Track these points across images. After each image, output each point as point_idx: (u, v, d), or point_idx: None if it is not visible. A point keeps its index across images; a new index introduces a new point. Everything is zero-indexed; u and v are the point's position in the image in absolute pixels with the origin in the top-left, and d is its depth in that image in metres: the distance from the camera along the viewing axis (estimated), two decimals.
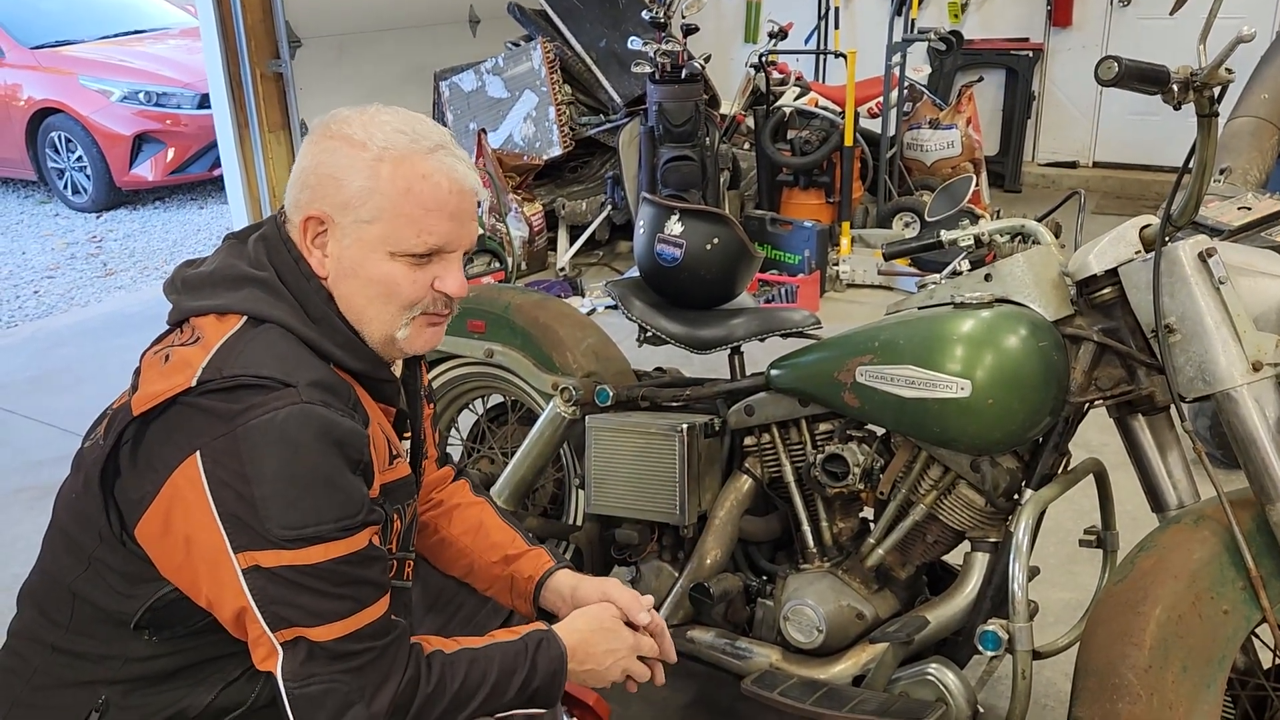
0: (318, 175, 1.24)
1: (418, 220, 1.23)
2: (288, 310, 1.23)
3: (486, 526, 1.60)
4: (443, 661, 1.25)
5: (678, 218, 2.14)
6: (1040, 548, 1.73)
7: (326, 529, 1.14)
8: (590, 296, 4.88)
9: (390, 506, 1.31)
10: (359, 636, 1.17)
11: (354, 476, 1.18)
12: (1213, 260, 1.53)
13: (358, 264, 1.25)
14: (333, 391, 1.19)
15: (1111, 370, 1.69)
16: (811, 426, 1.94)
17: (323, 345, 1.23)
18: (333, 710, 1.16)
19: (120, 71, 7.24)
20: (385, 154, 1.22)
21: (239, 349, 1.18)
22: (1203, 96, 1.44)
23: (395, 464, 1.34)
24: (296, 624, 1.14)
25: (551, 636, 1.36)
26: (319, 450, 1.14)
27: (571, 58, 5.76)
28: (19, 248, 6.47)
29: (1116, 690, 1.42)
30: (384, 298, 1.26)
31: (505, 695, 1.29)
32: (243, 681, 1.27)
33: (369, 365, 1.28)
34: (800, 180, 5.41)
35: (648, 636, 1.46)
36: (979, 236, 1.80)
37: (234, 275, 1.25)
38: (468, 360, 2.34)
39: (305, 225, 1.25)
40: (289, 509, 1.13)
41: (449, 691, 1.23)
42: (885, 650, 1.79)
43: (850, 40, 6.72)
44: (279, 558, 1.13)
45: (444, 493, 1.64)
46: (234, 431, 1.13)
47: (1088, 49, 6.84)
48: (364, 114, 1.26)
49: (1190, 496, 1.67)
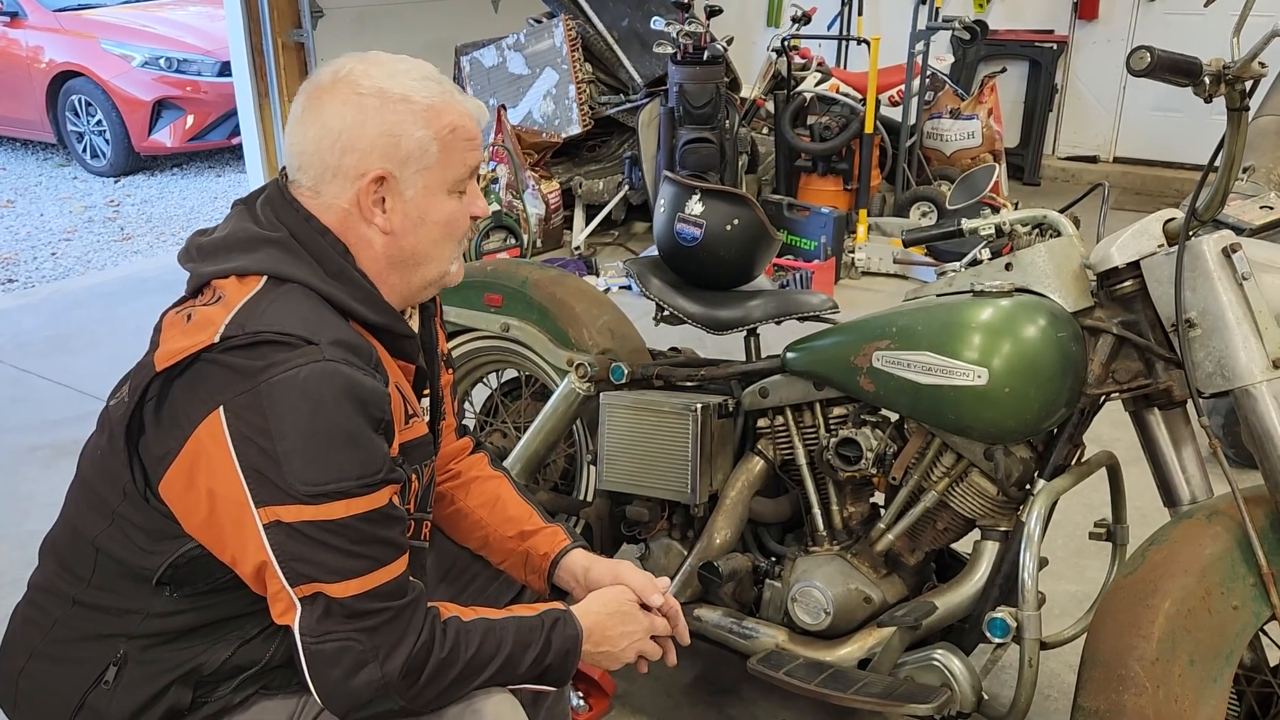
0: (368, 136, 1.24)
1: (464, 153, 1.30)
2: (306, 268, 1.23)
3: (504, 500, 1.60)
4: (458, 628, 1.25)
5: (699, 197, 2.14)
6: (1049, 540, 1.73)
7: (348, 485, 1.15)
8: (605, 276, 4.88)
9: (409, 466, 1.31)
10: (376, 595, 1.18)
11: (376, 435, 1.19)
12: (1236, 256, 1.52)
13: (425, 210, 1.29)
14: (355, 350, 1.20)
15: (1129, 363, 1.69)
16: (825, 410, 1.95)
17: (343, 300, 1.24)
18: (347, 668, 1.17)
19: (142, 37, 7.24)
20: (431, 102, 1.26)
21: (262, 307, 1.19)
22: (1234, 90, 1.43)
23: (412, 423, 1.34)
24: (316, 579, 1.15)
25: (568, 617, 1.36)
26: (342, 408, 1.15)
27: (593, 36, 5.74)
28: (37, 210, 6.50)
29: (1123, 681, 1.42)
30: (447, 236, 1.32)
31: (518, 669, 1.29)
32: (259, 640, 1.28)
33: (388, 319, 1.29)
34: (819, 166, 5.39)
35: (661, 618, 1.47)
36: (1000, 226, 1.80)
37: (249, 237, 1.25)
38: (484, 334, 2.34)
39: (368, 187, 1.25)
40: (311, 464, 1.13)
41: (462, 659, 1.24)
42: (892, 634, 1.80)
43: (873, 27, 6.68)
44: (300, 513, 1.14)
45: (462, 464, 1.65)
46: (257, 387, 1.13)
47: (1113, 42, 6.79)
48: (377, 64, 1.28)
49: (1203, 492, 1.67)
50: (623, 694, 2.20)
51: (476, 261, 2.73)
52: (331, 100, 1.25)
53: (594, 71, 5.79)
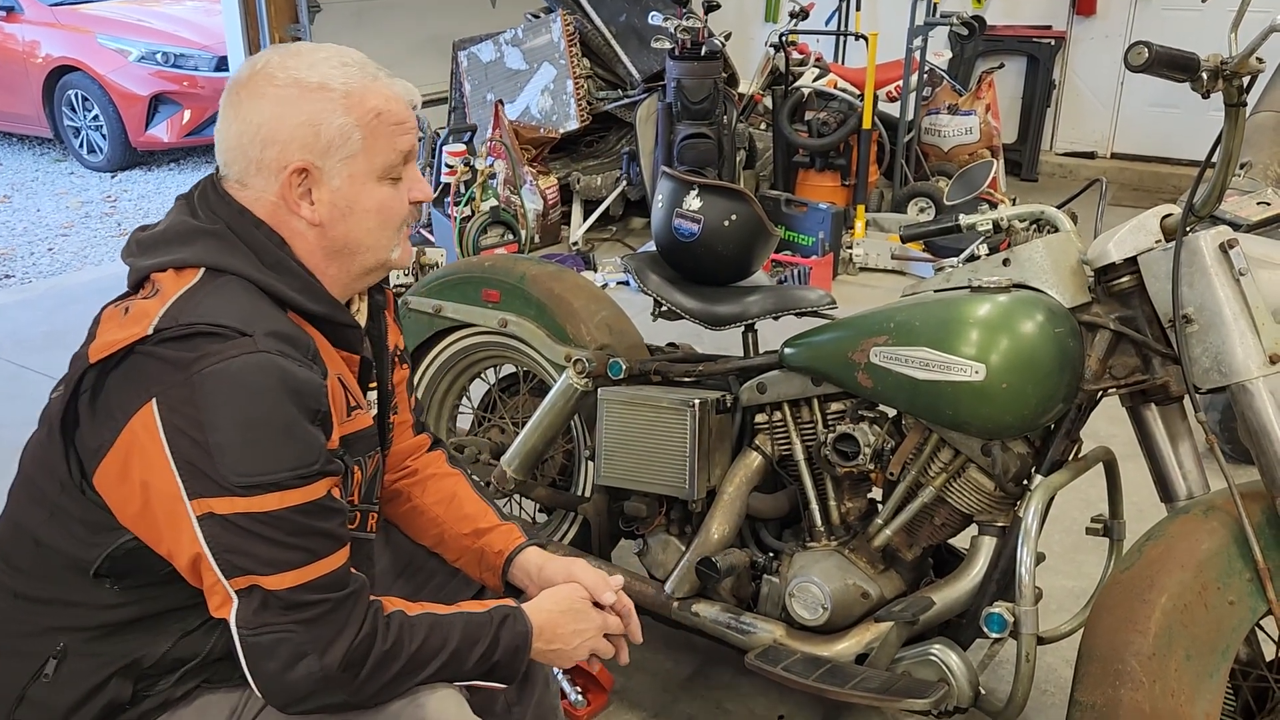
0: (287, 128, 1.24)
1: (392, 138, 1.29)
2: (244, 260, 1.23)
3: (460, 498, 1.60)
4: (402, 622, 1.25)
5: (697, 193, 2.14)
6: (1045, 536, 1.74)
7: (283, 476, 1.14)
8: (603, 271, 4.88)
9: (351, 458, 1.31)
10: (314, 587, 1.17)
11: (311, 426, 1.18)
12: (1234, 251, 1.52)
13: (354, 199, 1.28)
14: (291, 341, 1.19)
15: (1126, 359, 1.69)
16: (823, 406, 1.95)
17: (281, 291, 1.24)
18: (284, 660, 1.16)
19: (138, 31, 7.23)
20: (350, 88, 1.26)
21: (197, 299, 1.18)
22: (1232, 85, 1.43)
23: (356, 415, 1.34)
24: (251, 572, 1.15)
25: (518, 614, 1.36)
26: (275, 399, 1.14)
27: (591, 31, 5.74)
28: (34, 205, 6.49)
29: (1119, 676, 1.43)
30: (382, 224, 1.31)
31: (464, 665, 1.29)
32: (200, 633, 1.28)
33: (329, 309, 1.29)
34: (816, 162, 5.39)
35: (614, 616, 1.48)
36: (997, 222, 1.80)
37: (187, 230, 1.25)
38: (481, 329, 2.34)
39: (289, 179, 1.25)
40: (244, 456, 1.13)
41: (405, 652, 1.24)
42: (889, 630, 1.80)
43: (871, 22, 6.67)
44: (233, 504, 1.13)
45: (419, 461, 1.64)
46: (190, 379, 1.13)
47: (1110, 38, 6.79)
48: (296, 56, 1.27)
49: (1200, 488, 1.67)
50: (620, 689, 2.20)
51: (474, 257, 2.72)
52: (250, 95, 1.25)
53: (592, 67, 5.78)
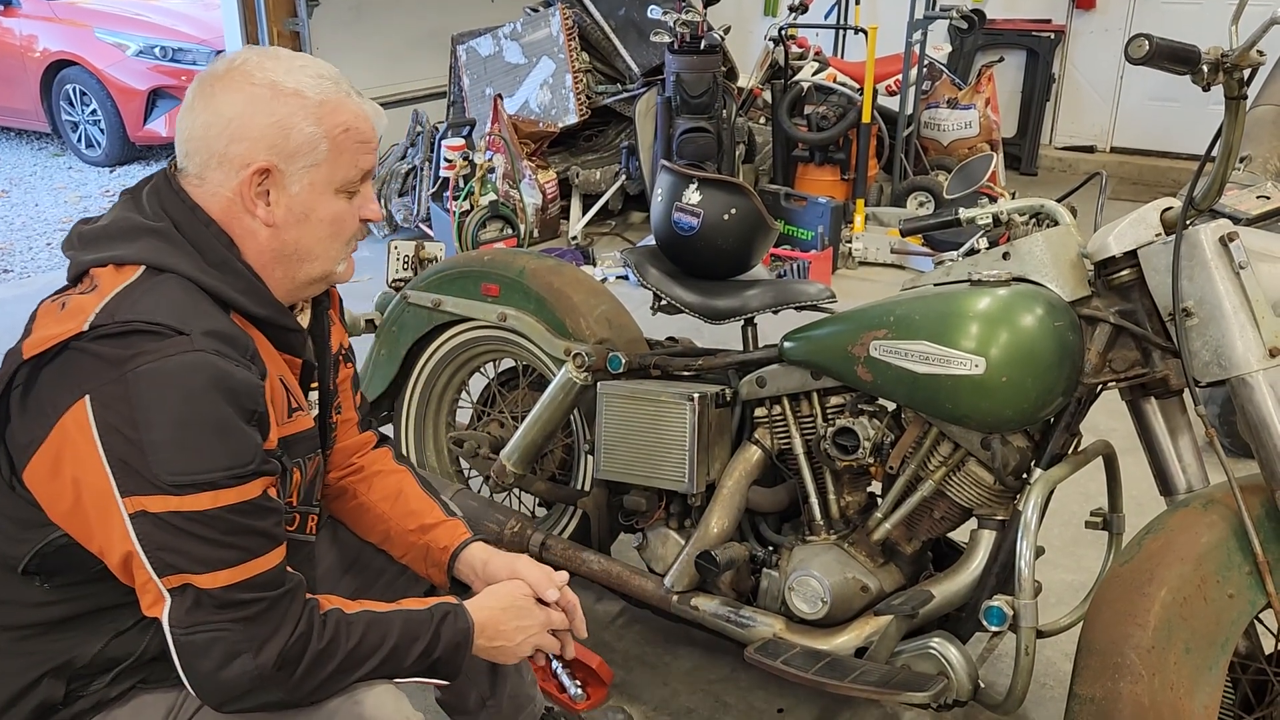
0: (257, 127, 1.24)
1: (356, 154, 1.30)
2: (186, 259, 1.22)
3: (406, 494, 1.61)
4: (339, 620, 1.25)
5: (696, 186, 2.14)
6: (1045, 530, 1.74)
7: (217, 476, 1.14)
8: (602, 266, 4.88)
9: (290, 459, 1.31)
10: (248, 586, 1.17)
11: (247, 426, 1.18)
12: (1234, 245, 1.52)
13: (310, 207, 1.28)
14: (228, 341, 1.19)
15: (1126, 352, 1.69)
16: (823, 399, 1.95)
17: (224, 292, 1.23)
18: (218, 659, 1.16)
19: (137, 25, 7.21)
20: (324, 99, 1.27)
21: (135, 296, 1.18)
22: (1232, 78, 1.43)
23: (296, 416, 1.34)
24: (183, 570, 1.15)
25: (460, 610, 1.37)
26: (211, 399, 1.14)
27: (590, 25, 5.73)
28: (32, 200, 6.48)
29: (1118, 669, 1.43)
30: (333, 235, 1.32)
31: (403, 662, 1.30)
32: (134, 632, 1.27)
33: (272, 311, 1.29)
34: (816, 156, 5.38)
35: (558, 613, 1.48)
36: (997, 215, 1.80)
37: (130, 227, 1.25)
38: (480, 324, 2.34)
39: (251, 178, 1.25)
40: (177, 455, 1.13)
41: (342, 650, 1.24)
42: (889, 623, 1.80)
43: (871, 16, 6.66)
44: (166, 503, 1.13)
45: (365, 459, 1.64)
46: (124, 376, 1.13)
47: (1110, 32, 6.78)
48: (273, 58, 1.28)
49: (1199, 481, 1.67)
50: (620, 682, 2.20)
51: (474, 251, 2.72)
52: (224, 89, 1.25)
53: (591, 61, 5.77)
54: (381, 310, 2.49)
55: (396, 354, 2.45)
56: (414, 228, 5.26)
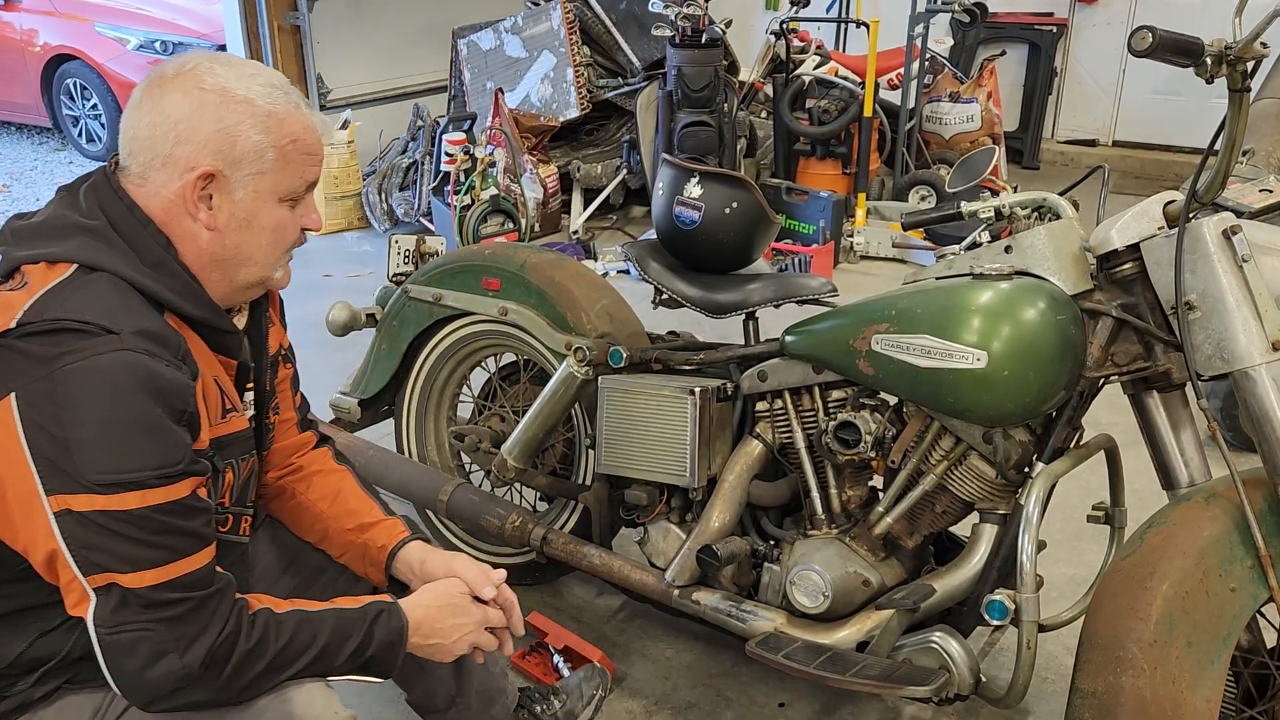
0: (203, 131, 1.24)
1: (302, 166, 1.31)
2: (120, 258, 1.22)
3: (344, 494, 1.61)
4: (268, 619, 1.25)
5: (697, 180, 2.13)
6: (1046, 524, 1.74)
7: (144, 475, 1.14)
8: (603, 260, 4.87)
9: (223, 460, 1.31)
10: (175, 586, 1.17)
11: (176, 426, 1.18)
12: (1237, 238, 1.52)
13: (252, 214, 1.29)
14: (159, 341, 1.19)
15: (1129, 346, 1.69)
16: (824, 393, 1.94)
17: (158, 292, 1.23)
18: (144, 659, 1.16)
19: (137, 19, 7.20)
20: (273, 109, 1.27)
21: (64, 295, 1.17)
22: (1236, 71, 1.42)
23: (230, 417, 1.34)
24: (108, 569, 1.14)
25: (393, 609, 1.37)
26: (139, 398, 1.14)
27: (591, 19, 5.71)
28: (33, 194, 6.47)
29: (1120, 663, 1.43)
30: (274, 243, 1.33)
31: (336, 660, 1.30)
32: (60, 632, 1.26)
33: (208, 313, 1.29)
34: (817, 150, 5.37)
35: (495, 610, 1.49)
36: (999, 209, 1.80)
37: (64, 224, 1.24)
38: (482, 318, 2.34)
39: (195, 182, 1.25)
40: (104, 454, 1.12)
41: (271, 650, 1.24)
42: (890, 617, 1.80)
43: (873, 9, 6.64)
44: (92, 502, 1.12)
45: (305, 458, 1.64)
46: (52, 375, 1.12)
47: (1112, 25, 6.77)
48: (226, 65, 1.28)
49: (1202, 475, 1.67)
50: (621, 676, 2.20)
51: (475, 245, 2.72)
52: (173, 91, 1.25)
53: (592, 54, 5.76)
54: (382, 305, 2.49)
55: (397, 348, 2.45)
56: (415, 222, 5.26)
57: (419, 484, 2.30)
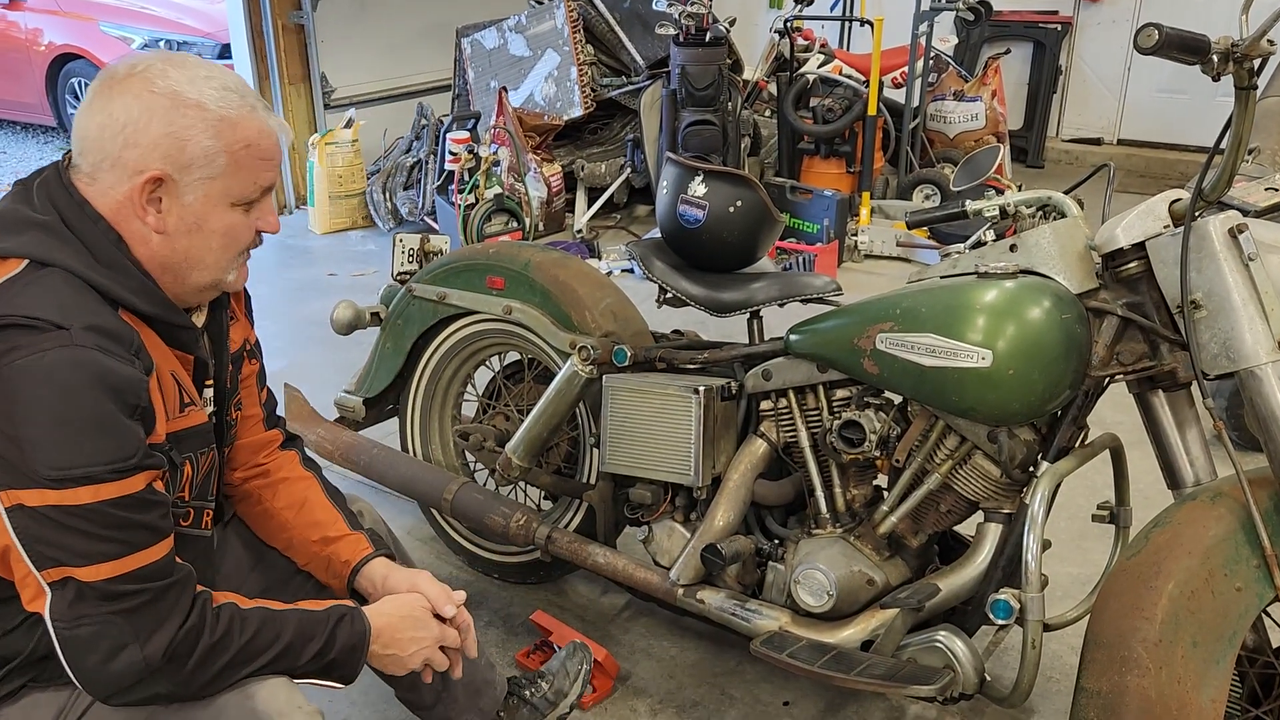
0: (152, 134, 1.23)
1: (255, 171, 1.30)
2: (72, 254, 1.22)
3: (310, 504, 1.61)
4: (233, 614, 1.26)
5: (702, 179, 2.13)
6: (1051, 523, 1.73)
7: (97, 470, 1.14)
8: (607, 259, 4.87)
9: (180, 454, 1.31)
10: (131, 578, 1.17)
11: (129, 421, 1.18)
12: (1243, 236, 1.51)
13: (202, 218, 1.29)
14: (111, 336, 1.18)
15: (1134, 345, 1.68)
16: (829, 392, 1.94)
17: (111, 289, 1.23)
18: (104, 652, 1.16)
19: (141, 19, 7.21)
20: (225, 113, 1.26)
21: (14, 291, 1.17)
22: (1242, 68, 1.42)
23: (188, 411, 1.34)
24: (64, 564, 1.14)
25: (356, 614, 1.38)
26: (90, 394, 1.14)
27: (595, 18, 5.71)
28: None
29: (1125, 663, 1.42)
30: (224, 247, 1.32)
31: (298, 660, 1.30)
32: (22, 631, 1.26)
33: (162, 310, 1.29)
34: (821, 149, 5.37)
35: (452, 630, 1.49)
36: (1004, 208, 1.79)
37: (16, 219, 1.24)
38: (486, 316, 2.34)
39: (143, 185, 1.24)
40: (55, 449, 1.12)
41: (235, 644, 1.24)
42: (895, 616, 1.80)
43: (877, 8, 6.64)
44: (44, 497, 1.13)
45: (272, 462, 1.64)
46: (0, 371, 1.12)
47: (1117, 23, 6.75)
48: (179, 68, 1.26)
49: (1207, 474, 1.66)
50: (626, 675, 2.20)
51: (479, 244, 2.72)
52: (123, 93, 1.24)
53: (596, 53, 5.76)
54: (387, 303, 2.49)
55: (402, 347, 2.45)
56: (419, 221, 5.27)
57: (423, 482, 2.30)
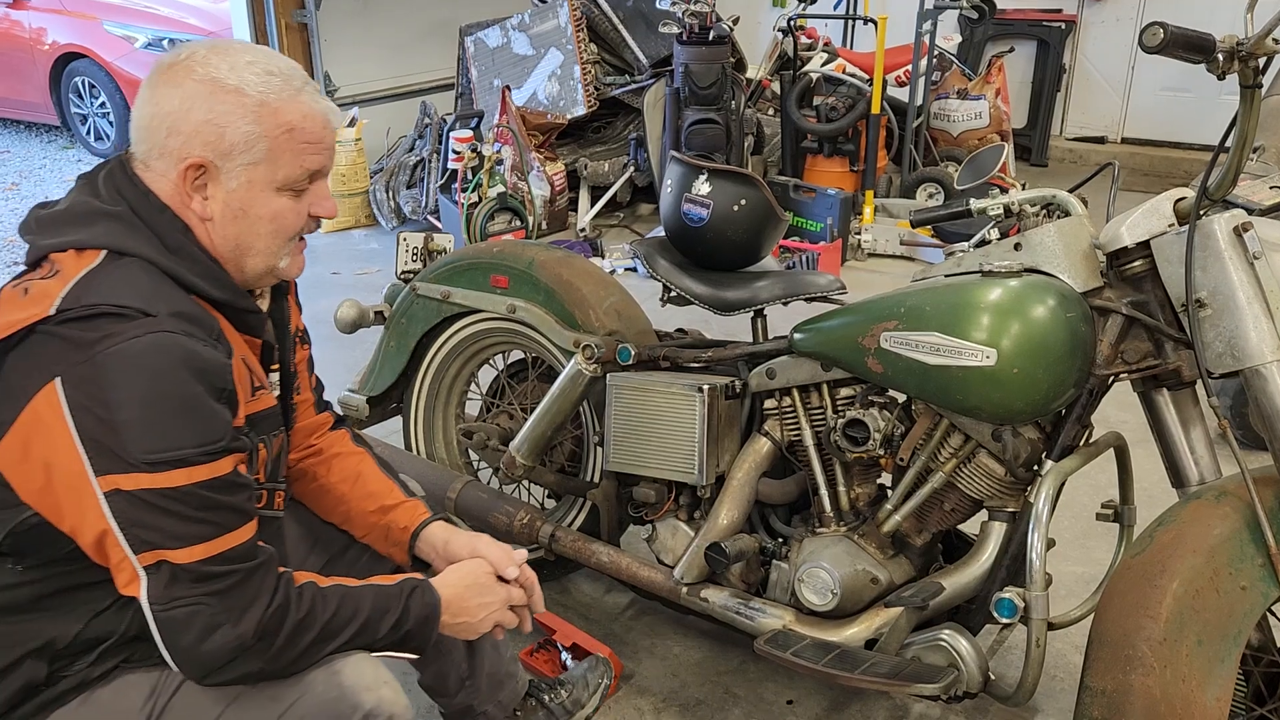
0: (192, 122, 1.25)
1: (300, 155, 1.30)
2: (146, 243, 1.24)
3: (365, 476, 1.63)
4: (314, 593, 1.28)
5: (706, 177, 2.13)
6: (1055, 522, 1.73)
7: (189, 453, 1.17)
8: (610, 258, 4.87)
9: (256, 437, 1.34)
10: (222, 559, 1.20)
11: (217, 404, 1.20)
12: (1248, 235, 1.51)
13: (247, 204, 1.29)
14: (195, 321, 1.21)
15: (1139, 343, 1.68)
16: (833, 391, 1.94)
17: (183, 276, 1.25)
18: (200, 631, 1.18)
19: (144, 18, 7.21)
20: (265, 98, 1.26)
21: (99, 280, 1.20)
22: (1247, 67, 1.42)
23: (259, 395, 1.36)
24: (159, 546, 1.17)
25: (426, 586, 1.41)
26: (180, 377, 1.16)
27: (598, 16, 5.71)
28: (42, 192, 6.49)
29: (1130, 661, 1.42)
30: (273, 233, 1.32)
31: (376, 634, 1.33)
32: (112, 612, 1.28)
33: (230, 295, 1.31)
34: (825, 147, 5.37)
35: (518, 589, 1.52)
36: (1008, 206, 1.79)
37: (88, 211, 1.26)
38: (490, 315, 2.34)
39: (186, 172, 1.26)
40: (150, 433, 1.15)
41: (319, 621, 1.27)
42: (899, 615, 1.80)
43: (880, 6, 6.62)
44: (139, 481, 1.15)
45: (324, 440, 1.67)
46: (93, 358, 1.14)
47: (1121, 22, 6.74)
48: (222, 54, 1.28)
49: (1211, 473, 1.66)
50: (629, 674, 2.20)
51: (483, 243, 2.72)
52: (167, 81, 1.26)
53: (599, 52, 5.76)
54: (391, 302, 2.49)
55: (406, 346, 2.45)
56: (422, 219, 5.27)
57: (427, 481, 2.30)
